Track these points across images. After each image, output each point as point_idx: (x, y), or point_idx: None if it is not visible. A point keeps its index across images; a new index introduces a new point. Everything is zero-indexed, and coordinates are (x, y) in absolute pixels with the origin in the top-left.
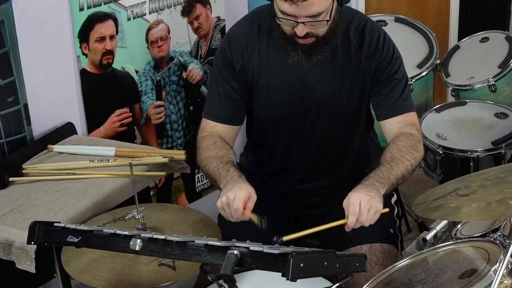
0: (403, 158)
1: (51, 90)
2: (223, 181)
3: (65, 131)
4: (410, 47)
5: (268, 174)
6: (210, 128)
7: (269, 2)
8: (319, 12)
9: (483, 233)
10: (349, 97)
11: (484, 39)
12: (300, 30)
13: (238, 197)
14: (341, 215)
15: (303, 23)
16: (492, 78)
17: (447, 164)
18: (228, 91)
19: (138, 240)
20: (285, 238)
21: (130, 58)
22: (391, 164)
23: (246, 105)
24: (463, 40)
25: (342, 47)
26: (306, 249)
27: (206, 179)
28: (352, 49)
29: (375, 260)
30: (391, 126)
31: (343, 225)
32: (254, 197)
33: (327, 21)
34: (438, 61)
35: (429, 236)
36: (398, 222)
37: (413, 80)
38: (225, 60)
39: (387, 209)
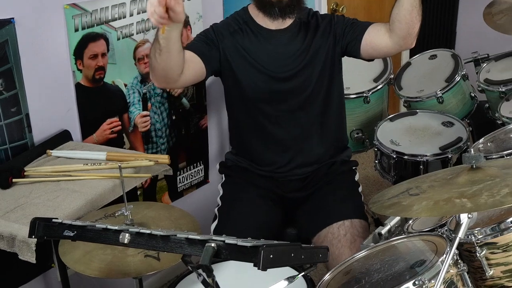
0: None
1: (50, 101)
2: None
3: (62, 137)
4: (367, 64)
5: (254, 162)
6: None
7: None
8: None
9: (432, 228)
10: (320, 78)
11: (433, 56)
12: None
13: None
14: (320, 200)
15: None
16: (440, 91)
17: (400, 167)
18: (204, 46)
19: (127, 234)
20: None
21: (120, 73)
22: None
23: (211, 70)
24: (414, 57)
25: (308, 33)
26: (275, 242)
27: (187, 180)
28: (316, 33)
29: (357, 233)
30: (375, 26)
31: (327, 206)
32: None
33: None
34: (392, 76)
35: (384, 230)
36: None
37: (370, 92)
38: (210, 36)
39: None
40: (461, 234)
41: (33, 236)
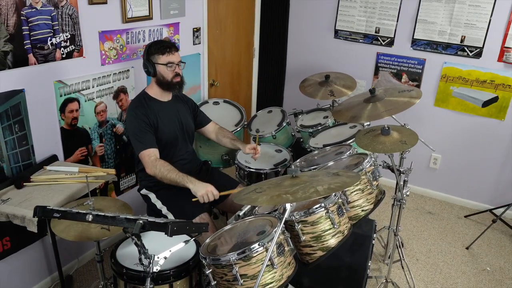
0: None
1: (45, 138)
2: (188, 181)
3: (52, 159)
4: (230, 115)
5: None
6: (155, 152)
7: (154, 76)
8: (180, 60)
9: (269, 212)
10: (191, 126)
11: (270, 111)
12: (178, 69)
13: (211, 189)
14: (217, 180)
15: (177, 64)
16: (274, 131)
17: (250, 176)
18: (150, 133)
19: (90, 215)
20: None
21: (86, 121)
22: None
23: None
24: (259, 111)
25: (181, 103)
26: (178, 220)
27: (125, 184)
28: (186, 103)
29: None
30: (211, 126)
31: (226, 181)
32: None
33: (184, 63)
34: (246, 123)
35: (241, 213)
36: None
37: (233, 132)
38: (145, 122)
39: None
40: (286, 215)
41: (35, 217)
